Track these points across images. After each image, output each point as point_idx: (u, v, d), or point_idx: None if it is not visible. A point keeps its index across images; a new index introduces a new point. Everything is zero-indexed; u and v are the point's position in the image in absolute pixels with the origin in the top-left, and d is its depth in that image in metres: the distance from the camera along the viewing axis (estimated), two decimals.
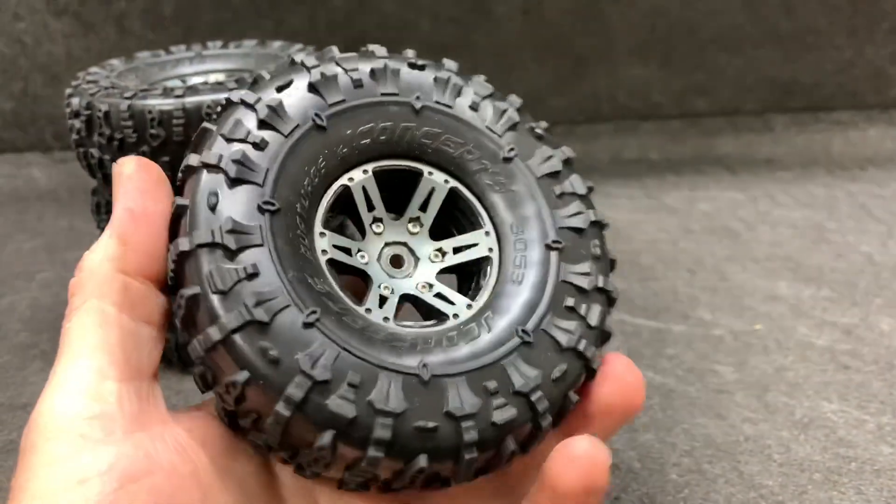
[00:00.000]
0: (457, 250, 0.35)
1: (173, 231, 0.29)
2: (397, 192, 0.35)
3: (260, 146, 0.30)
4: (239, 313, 0.26)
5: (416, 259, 0.35)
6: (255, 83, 0.32)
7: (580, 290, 0.32)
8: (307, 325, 0.27)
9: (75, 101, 0.62)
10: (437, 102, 0.34)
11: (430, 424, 0.27)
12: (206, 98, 0.59)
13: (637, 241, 0.89)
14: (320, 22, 1.10)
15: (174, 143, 0.59)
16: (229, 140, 0.29)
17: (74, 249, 0.91)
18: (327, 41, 0.88)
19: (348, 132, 0.32)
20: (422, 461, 0.27)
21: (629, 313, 0.72)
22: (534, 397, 0.29)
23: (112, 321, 0.28)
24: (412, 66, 0.35)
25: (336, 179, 0.33)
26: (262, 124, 0.30)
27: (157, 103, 0.58)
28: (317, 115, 0.31)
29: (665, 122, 1.19)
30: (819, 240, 0.86)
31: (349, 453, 0.27)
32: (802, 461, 0.52)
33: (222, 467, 0.29)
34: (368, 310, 0.31)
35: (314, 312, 0.27)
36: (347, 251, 0.33)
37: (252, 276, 0.27)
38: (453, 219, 0.36)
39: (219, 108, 0.32)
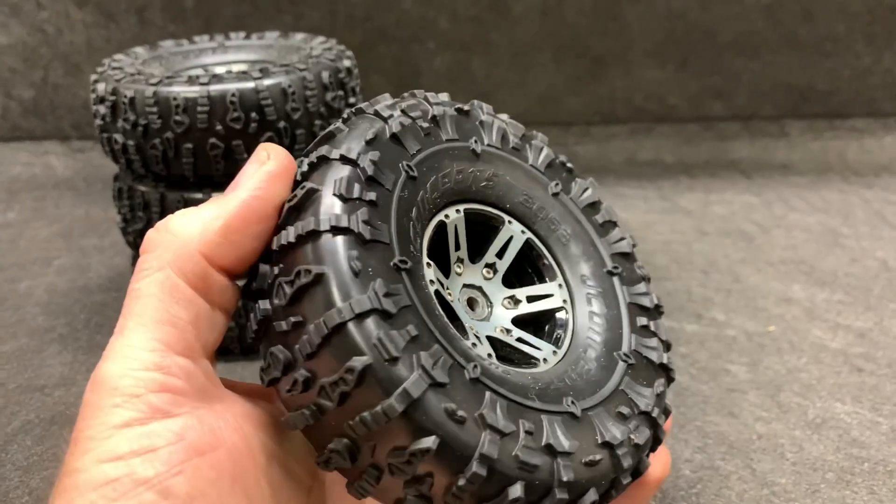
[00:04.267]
0: (531, 299, 0.35)
1: (299, 295, 0.27)
2: (473, 237, 0.35)
3: (375, 203, 0.28)
4: (421, 378, 0.25)
5: (490, 304, 0.35)
6: (334, 136, 0.31)
7: (645, 309, 0.35)
8: (474, 381, 0.27)
9: (101, 86, 0.63)
10: (489, 145, 0.35)
11: (597, 457, 0.28)
12: (231, 87, 0.59)
13: (651, 241, 0.89)
14: (340, 17, 1.11)
15: (198, 129, 0.59)
16: (345, 199, 0.28)
17: (90, 237, 0.92)
18: (347, 37, 0.89)
19: (433, 178, 0.32)
20: (592, 495, 0.28)
21: None
22: (654, 414, 0.31)
23: (186, 298, 0.28)
24: (459, 111, 0.35)
25: (433, 217, 0.33)
26: (371, 181, 0.29)
27: (182, 90, 0.59)
28: (407, 165, 0.31)
29: (681, 125, 1.19)
30: (833, 244, 0.86)
31: (532, 500, 0.27)
32: (815, 460, 0.53)
33: (273, 450, 0.30)
34: (473, 345, 0.31)
35: (476, 367, 0.27)
36: (445, 288, 0.33)
37: (414, 338, 0.26)
38: (523, 268, 0.36)
39: (305, 168, 0.30)
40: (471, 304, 0.34)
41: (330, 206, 0.28)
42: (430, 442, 0.25)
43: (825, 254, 0.84)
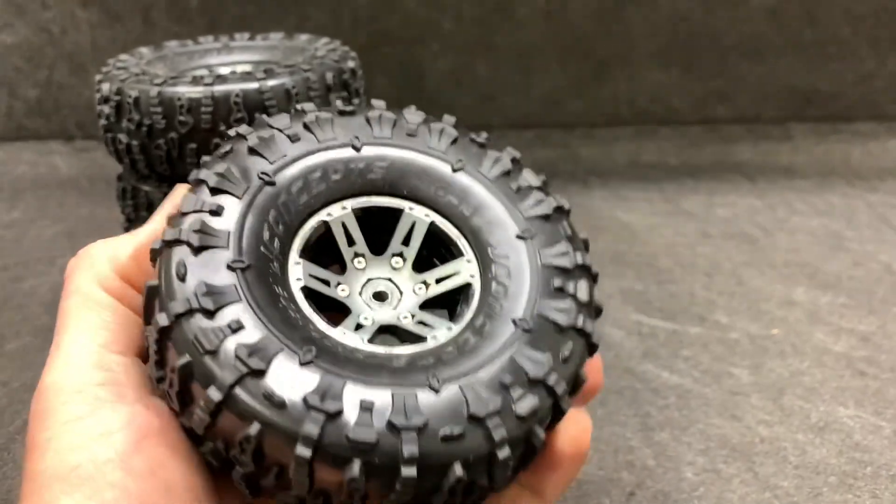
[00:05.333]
0: (439, 281, 0.35)
1: (148, 314, 0.29)
2: (381, 233, 0.35)
3: (217, 212, 0.30)
4: (234, 367, 0.26)
5: (401, 293, 0.35)
6: (204, 163, 0.33)
7: (563, 270, 0.33)
8: (305, 364, 0.27)
9: (105, 86, 0.63)
10: (376, 137, 0.35)
11: (457, 431, 0.27)
12: (235, 87, 0.59)
13: (654, 244, 0.89)
14: (344, 19, 1.11)
15: (202, 130, 0.59)
16: (184, 214, 0.30)
17: (95, 236, 0.91)
18: (351, 37, 0.89)
19: (300, 180, 0.33)
20: (457, 470, 0.26)
21: (646, 314, 0.72)
22: (550, 381, 0.29)
23: (111, 306, 0.30)
24: (342, 113, 0.36)
25: (310, 217, 0.33)
26: (215, 191, 0.31)
27: (187, 91, 0.59)
28: (263, 172, 0.32)
29: (684, 128, 1.19)
30: (837, 248, 0.86)
31: (381, 479, 0.26)
32: (818, 464, 0.52)
33: None
34: (344, 332, 0.31)
35: (310, 351, 0.27)
36: (326, 283, 0.33)
37: (237, 330, 0.27)
38: (436, 251, 0.36)
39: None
40: (379, 296, 0.34)
41: (171, 221, 0.30)
42: (252, 429, 0.26)
43: (828, 257, 0.84)
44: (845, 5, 1.13)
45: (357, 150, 0.34)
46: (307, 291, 0.31)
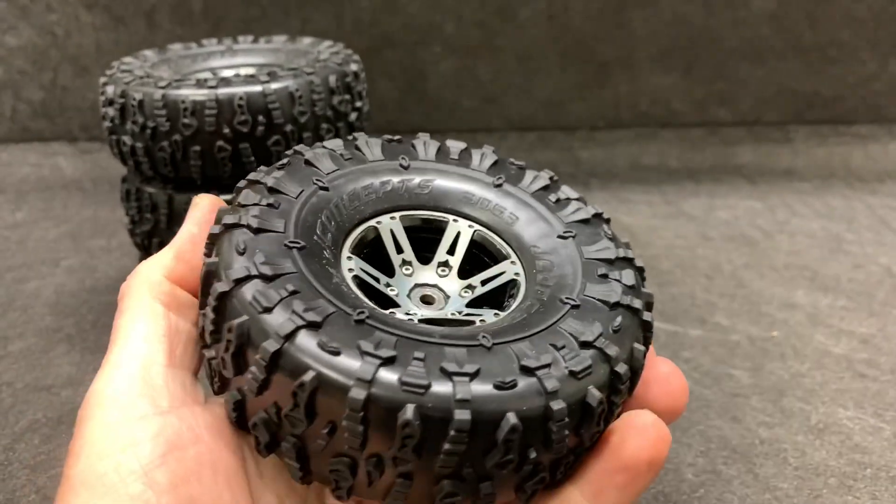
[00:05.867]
0: (485, 283, 0.36)
1: (205, 288, 0.30)
2: (425, 249, 0.37)
3: (275, 206, 0.32)
4: (290, 320, 0.27)
5: (447, 297, 0.36)
6: (260, 170, 0.35)
7: (607, 261, 0.34)
8: (359, 322, 0.27)
9: (110, 89, 0.63)
10: (423, 160, 0.38)
11: (509, 379, 0.26)
12: (238, 90, 0.60)
13: (655, 246, 0.89)
14: (347, 21, 1.12)
15: (206, 132, 0.60)
16: (243, 205, 0.32)
17: (98, 237, 0.93)
18: (353, 41, 0.90)
19: (351, 188, 0.35)
20: (511, 419, 0.26)
21: None
22: (600, 344, 0.29)
23: (160, 315, 0.31)
24: (389, 140, 0.39)
25: (361, 223, 0.35)
26: (272, 190, 0.33)
27: (191, 93, 0.60)
28: (318, 179, 0.34)
29: (685, 131, 1.20)
30: (837, 250, 0.87)
31: (434, 426, 0.25)
32: (818, 465, 0.53)
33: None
34: (394, 312, 0.32)
35: (363, 311, 0.28)
36: (376, 280, 0.34)
37: (293, 293, 0.28)
38: (478, 263, 0.37)
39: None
40: (426, 299, 0.35)
41: (226, 212, 0.32)
42: (307, 377, 0.26)
43: (829, 259, 0.84)
44: (846, 8, 1.13)
45: (405, 168, 0.37)
46: (358, 282, 0.33)
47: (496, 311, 0.33)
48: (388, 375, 0.26)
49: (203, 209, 0.35)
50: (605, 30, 1.15)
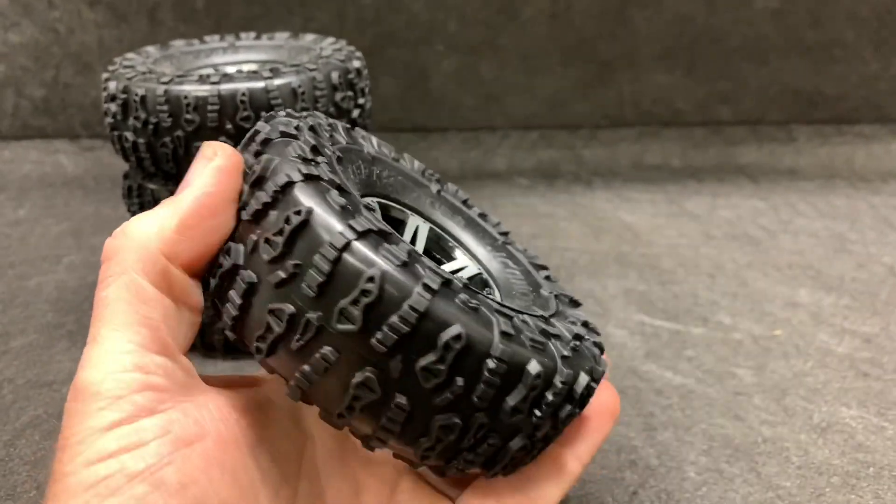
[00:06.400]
0: (454, 273, 0.38)
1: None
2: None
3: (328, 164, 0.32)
4: (433, 275, 0.27)
5: None
6: (259, 132, 0.34)
7: (543, 266, 0.42)
8: (465, 286, 0.29)
9: (112, 85, 0.63)
10: (378, 152, 0.40)
11: (575, 343, 0.32)
12: (241, 86, 0.60)
13: (658, 245, 0.89)
14: (349, 19, 1.12)
15: (208, 128, 0.60)
16: (305, 160, 0.30)
17: (100, 234, 0.93)
18: (355, 39, 0.89)
19: (349, 167, 0.36)
20: (584, 379, 0.31)
21: (649, 315, 0.72)
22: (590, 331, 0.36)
23: (153, 298, 0.28)
24: (345, 127, 0.40)
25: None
26: (315, 150, 0.32)
27: (193, 89, 0.59)
28: (332, 147, 0.35)
29: (688, 130, 1.19)
30: (840, 250, 0.86)
31: (474, 348, 0.27)
32: (820, 464, 0.53)
33: (260, 435, 0.30)
34: None
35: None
36: None
37: (410, 252, 0.28)
38: (432, 256, 0.41)
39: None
40: None
41: (296, 162, 0.29)
42: (455, 330, 0.26)
43: (832, 259, 0.84)
44: (849, 8, 1.13)
45: (372, 157, 0.39)
46: None
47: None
48: (449, 292, 0.28)
49: (220, 166, 0.30)
50: (608, 29, 1.14)
